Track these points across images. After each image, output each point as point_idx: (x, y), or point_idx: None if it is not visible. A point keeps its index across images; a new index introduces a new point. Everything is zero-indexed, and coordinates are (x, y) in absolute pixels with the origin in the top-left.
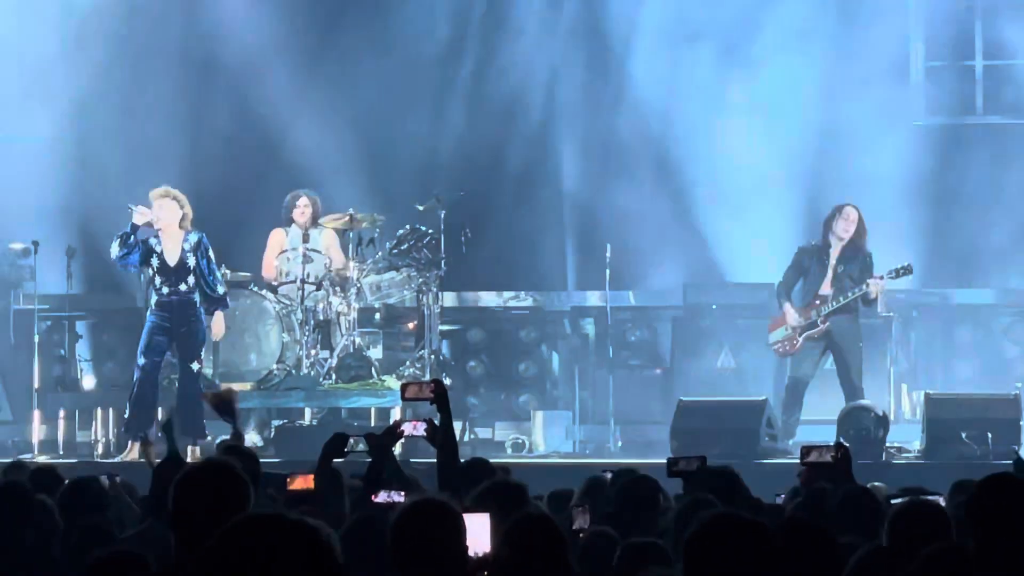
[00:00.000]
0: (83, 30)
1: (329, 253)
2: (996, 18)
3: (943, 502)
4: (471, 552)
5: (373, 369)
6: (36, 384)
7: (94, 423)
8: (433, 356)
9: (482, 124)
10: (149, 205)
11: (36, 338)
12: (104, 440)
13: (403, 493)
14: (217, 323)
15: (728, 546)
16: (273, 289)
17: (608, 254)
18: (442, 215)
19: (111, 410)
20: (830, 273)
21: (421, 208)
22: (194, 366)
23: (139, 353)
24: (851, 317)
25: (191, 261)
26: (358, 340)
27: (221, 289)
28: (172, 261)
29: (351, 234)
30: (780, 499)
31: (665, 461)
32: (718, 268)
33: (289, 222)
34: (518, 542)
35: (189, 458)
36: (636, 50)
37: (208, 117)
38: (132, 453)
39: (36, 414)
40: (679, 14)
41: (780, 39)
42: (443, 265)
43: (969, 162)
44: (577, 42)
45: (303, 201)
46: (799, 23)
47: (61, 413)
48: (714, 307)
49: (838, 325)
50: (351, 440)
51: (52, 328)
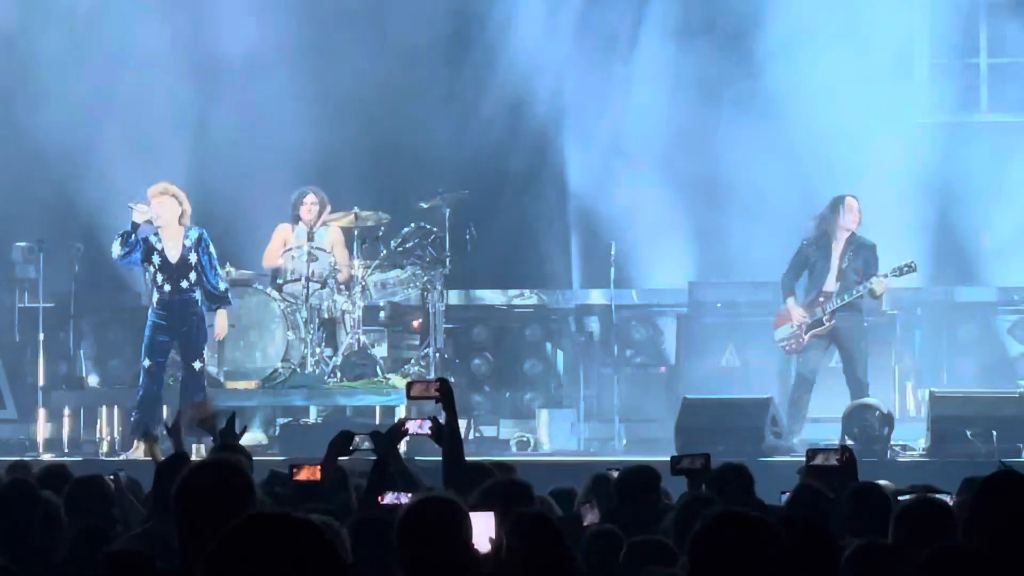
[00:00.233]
0: (88, 28)
1: (335, 251)
2: (1001, 16)
3: (950, 500)
4: (477, 550)
5: (378, 367)
6: (41, 382)
7: (99, 421)
8: (438, 354)
9: (487, 122)
10: (148, 203)
11: (41, 336)
12: (109, 438)
13: (410, 495)
14: (220, 321)
15: (734, 543)
16: (278, 287)
17: (613, 252)
18: (447, 213)
19: (116, 408)
20: (835, 268)
21: (426, 206)
22: (196, 364)
23: (143, 355)
24: (856, 314)
25: (192, 257)
26: (363, 338)
27: (223, 286)
28: (173, 258)
29: (356, 232)
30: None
31: (668, 460)
32: (723, 266)
33: (296, 219)
34: (522, 539)
35: (194, 456)
36: (640, 48)
37: (213, 115)
38: (137, 451)
39: (41, 412)
40: (683, 11)
41: (784, 36)
42: (448, 263)
43: (973, 160)
44: (581, 40)
45: (310, 198)
46: (803, 20)
47: (66, 411)
48: (719, 305)
49: (844, 322)
50: (356, 438)
51: (57, 326)
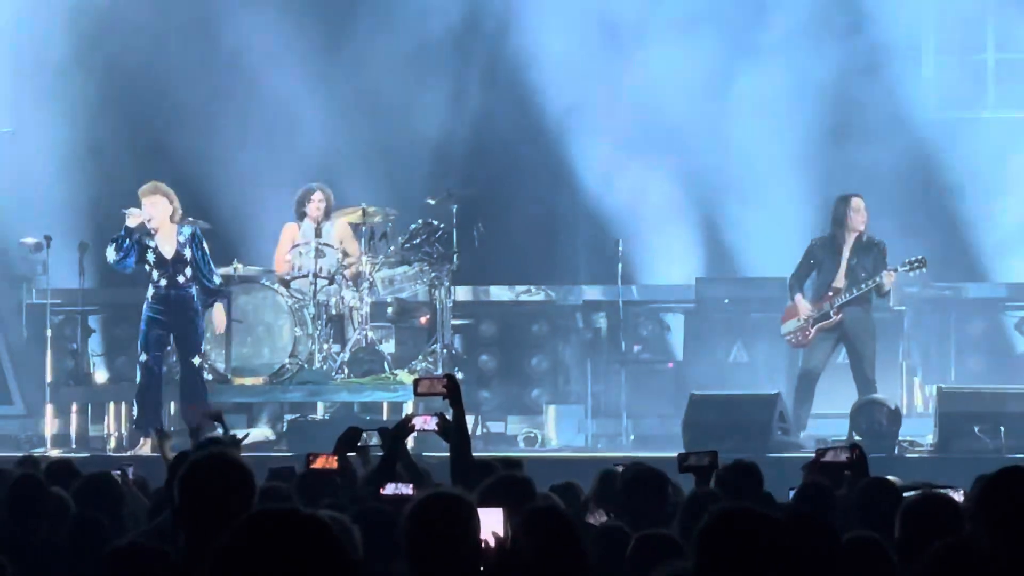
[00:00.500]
0: (95, 25)
1: (344, 246)
2: (1008, 12)
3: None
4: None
5: (385, 363)
6: (49, 378)
7: (106, 417)
8: (445, 350)
9: (494, 118)
10: (138, 203)
11: (48, 332)
12: (117, 434)
13: (411, 486)
14: (218, 315)
15: (739, 539)
16: (285, 283)
17: (620, 248)
18: (454, 209)
19: (123, 404)
20: (843, 266)
21: (433, 202)
22: (195, 360)
23: (140, 350)
24: (864, 309)
25: (187, 253)
26: (370, 334)
27: (218, 280)
28: (168, 254)
29: (363, 229)
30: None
31: (675, 456)
32: (730, 262)
33: (301, 216)
34: (532, 534)
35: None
36: (648, 43)
37: (219, 111)
38: (144, 448)
39: (49, 408)
40: (691, 5)
41: (792, 32)
42: (455, 259)
43: (980, 156)
44: (590, 37)
45: (318, 196)
46: (811, 15)
47: (74, 407)
48: (726, 301)
49: (851, 317)
50: (364, 434)
51: (64, 322)
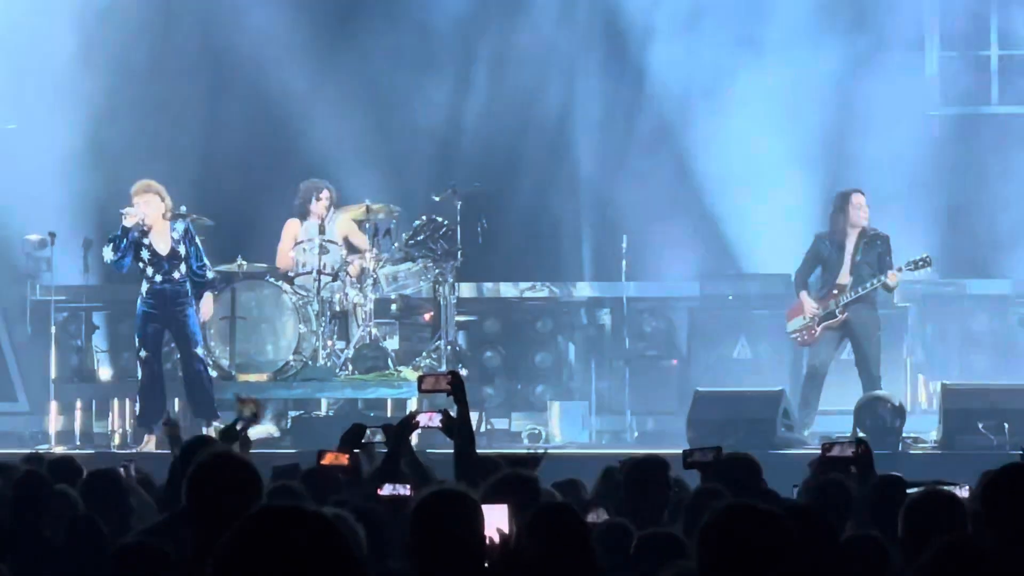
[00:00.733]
0: (100, 24)
1: (351, 240)
2: (1011, 8)
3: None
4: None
5: (389, 360)
6: (53, 375)
7: (111, 414)
8: (449, 347)
9: (498, 115)
10: (131, 202)
11: (53, 329)
12: (121, 431)
13: (409, 487)
14: (205, 305)
15: (742, 535)
16: (289, 280)
17: (624, 245)
18: (458, 206)
19: (127, 401)
20: (848, 262)
21: (437, 199)
22: (198, 351)
23: (138, 347)
24: (870, 307)
25: (181, 249)
26: (374, 331)
27: (210, 274)
28: (163, 251)
29: (367, 225)
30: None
31: (679, 453)
32: (734, 258)
33: (305, 213)
34: (539, 532)
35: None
36: (653, 40)
37: (223, 108)
38: (148, 444)
39: (53, 405)
40: (695, 3)
41: (795, 29)
42: (459, 256)
43: (984, 152)
44: (594, 33)
45: (325, 194)
46: (814, 11)
47: (78, 404)
48: (730, 297)
49: (857, 315)
50: (368, 431)
51: (69, 319)
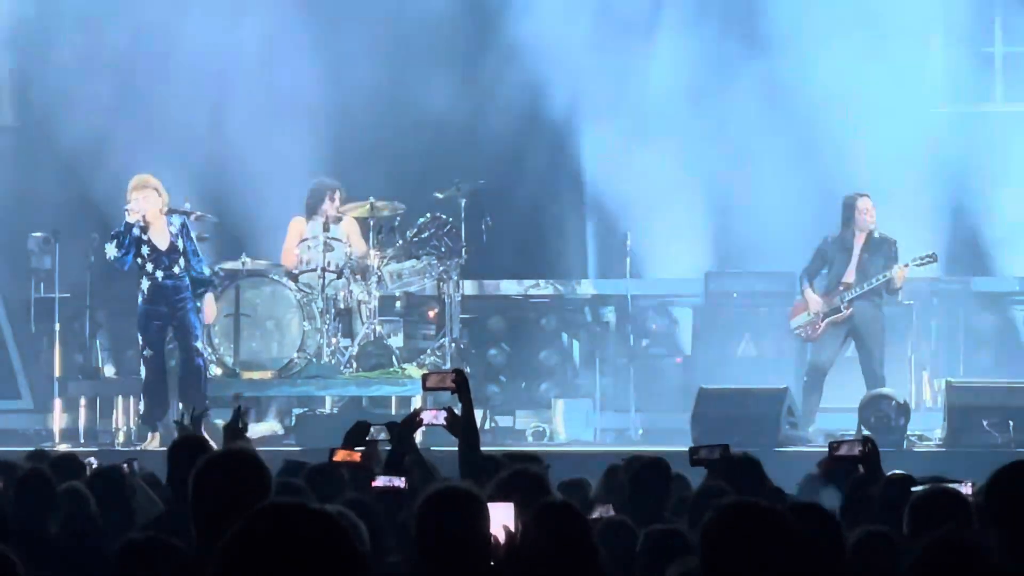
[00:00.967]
0: (103, 20)
1: (351, 241)
2: (1016, 5)
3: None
4: (495, 540)
5: (394, 357)
6: (57, 372)
7: (115, 411)
8: (454, 344)
9: (503, 112)
10: (128, 198)
11: (57, 327)
12: (125, 428)
13: (403, 479)
14: (208, 307)
15: (744, 533)
16: (294, 277)
17: (629, 242)
18: (462, 203)
19: (132, 398)
20: (854, 262)
21: (441, 196)
22: (198, 345)
23: (142, 345)
24: (874, 304)
25: (179, 244)
26: (379, 328)
27: (207, 271)
28: (163, 245)
29: (372, 222)
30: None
31: (687, 450)
32: (739, 256)
33: (313, 211)
34: (542, 530)
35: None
36: (655, 34)
37: (226, 105)
38: (153, 442)
39: (57, 402)
40: None
41: (800, 26)
42: (463, 253)
43: (989, 150)
44: (598, 29)
45: (337, 194)
46: (817, 7)
47: (82, 401)
48: (735, 295)
49: (861, 311)
50: (372, 428)
51: (73, 317)
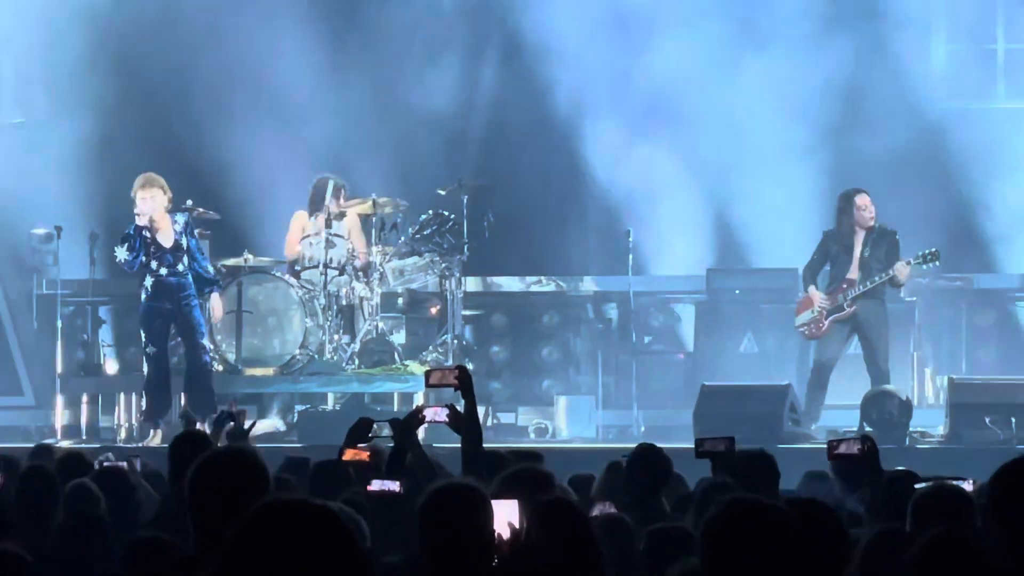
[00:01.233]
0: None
1: (352, 237)
2: (1018, 2)
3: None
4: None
5: (396, 354)
6: (59, 369)
7: (117, 408)
8: (456, 341)
9: (504, 109)
10: (133, 196)
11: (59, 323)
12: (127, 425)
13: (398, 482)
14: (215, 305)
15: (746, 530)
16: (296, 274)
17: (631, 239)
18: (464, 200)
19: (134, 395)
20: (857, 258)
21: (443, 193)
22: (204, 341)
23: (145, 342)
24: (878, 301)
25: (184, 241)
26: (381, 325)
27: (211, 269)
28: (168, 243)
29: (374, 219)
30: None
31: (690, 445)
32: (741, 253)
33: (316, 206)
34: (543, 527)
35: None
36: (659, 31)
37: (229, 102)
38: (155, 439)
39: (59, 399)
40: None
41: (802, 20)
42: (466, 250)
43: (991, 146)
44: (601, 27)
45: (341, 191)
46: (821, 6)
47: (84, 398)
48: (737, 292)
49: (865, 309)
50: (375, 425)
51: (75, 313)
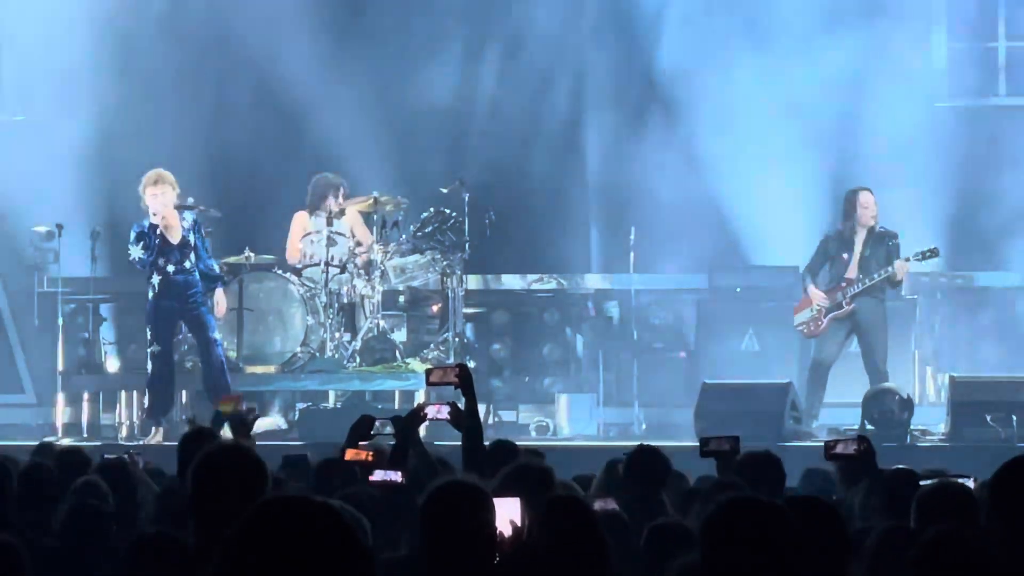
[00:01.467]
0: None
1: (355, 232)
2: (1020, 0)
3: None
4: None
5: (397, 352)
6: (60, 367)
7: (118, 406)
8: (457, 339)
9: (506, 108)
10: (141, 193)
11: (60, 321)
12: (128, 423)
13: (400, 473)
14: (219, 301)
15: (745, 529)
16: (297, 272)
17: (632, 237)
18: (466, 198)
19: (135, 393)
20: (856, 258)
21: (445, 191)
22: (215, 336)
23: (151, 340)
24: (877, 299)
25: (191, 239)
26: (382, 323)
27: (217, 268)
28: (175, 240)
29: (375, 217)
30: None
31: (687, 445)
32: (743, 251)
33: (317, 205)
34: (548, 524)
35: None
36: (663, 34)
37: (231, 100)
38: (156, 437)
39: (60, 397)
40: None
41: (804, 21)
42: (467, 248)
43: (992, 144)
44: (604, 26)
45: (341, 190)
46: (823, 3)
47: (85, 396)
48: (738, 290)
49: (864, 307)
50: (377, 423)
51: (76, 311)
